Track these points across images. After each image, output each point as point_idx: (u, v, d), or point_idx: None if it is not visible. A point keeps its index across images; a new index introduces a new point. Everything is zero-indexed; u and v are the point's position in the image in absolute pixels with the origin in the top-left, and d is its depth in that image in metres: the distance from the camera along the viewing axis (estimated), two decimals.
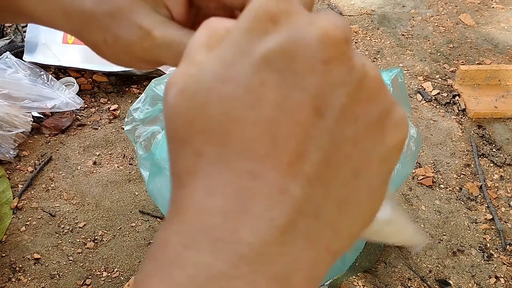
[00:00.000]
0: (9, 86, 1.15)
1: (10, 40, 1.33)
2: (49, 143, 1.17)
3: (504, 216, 1.03)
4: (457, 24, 1.60)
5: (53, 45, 1.29)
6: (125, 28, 0.30)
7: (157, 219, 1.01)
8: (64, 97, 1.21)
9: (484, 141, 1.20)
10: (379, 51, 1.49)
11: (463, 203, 1.05)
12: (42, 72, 1.24)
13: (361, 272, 0.91)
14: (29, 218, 1.00)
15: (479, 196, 1.07)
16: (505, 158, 1.15)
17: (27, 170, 1.10)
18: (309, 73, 0.18)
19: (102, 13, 0.30)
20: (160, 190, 0.73)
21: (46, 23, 0.34)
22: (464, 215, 1.03)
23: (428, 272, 0.93)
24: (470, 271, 0.93)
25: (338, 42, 0.19)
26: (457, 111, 1.28)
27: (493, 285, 0.91)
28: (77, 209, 1.03)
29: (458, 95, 1.31)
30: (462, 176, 1.11)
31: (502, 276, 0.92)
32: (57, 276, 0.91)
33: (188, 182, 0.18)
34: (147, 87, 0.81)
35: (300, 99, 0.18)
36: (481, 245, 0.97)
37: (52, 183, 1.08)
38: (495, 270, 0.93)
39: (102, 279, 0.91)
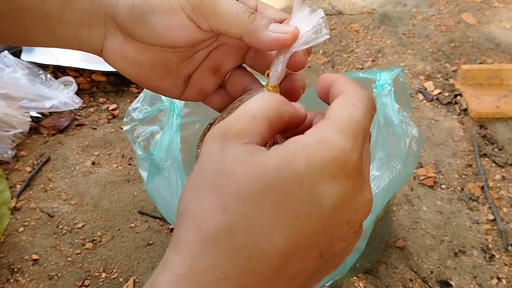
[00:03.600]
0: (7, 86, 1.15)
1: None
2: (48, 143, 1.16)
3: (506, 217, 1.02)
4: (458, 23, 1.60)
5: None
6: None
7: (156, 219, 1.00)
8: (62, 96, 1.20)
9: (486, 141, 1.19)
10: (380, 50, 1.48)
11: (464, 203, 1.05)
12: (41, 72, 1.24)
13: (362, 273, 0.91)
14: (27, 219, 1.00)
15: (481, 196, 1.06)
16: (507, 158, 1.14)
17: (25, 170, 1.09)
18: (336, 226, 0.24)
19: None
20: (159, 191, 0.72)
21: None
22: (465, 216, 1.02)
23: (429, 273, 0.92)
24: (471, 272, 0.92)
25: (364, 216, 0.26)
26: (459, 110, 1.27)
27: (495, 286, 0.90)
28: (75, 210, 1.02)
29: (460, 94, 1.31)
30: (463, 176, 1.11)
31: (504, 277, 0.92)
32: (56, 277, 0.90)
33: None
34: None
35: (317, 240, 0.24)
36: (483, 246, 0.97)
37: (50, 183, 1.07)
38: (497, 271, 0.92)
39: (101, 280, 0.90)
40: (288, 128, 0.28)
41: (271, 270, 0.23)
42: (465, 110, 1.27)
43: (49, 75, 1.24)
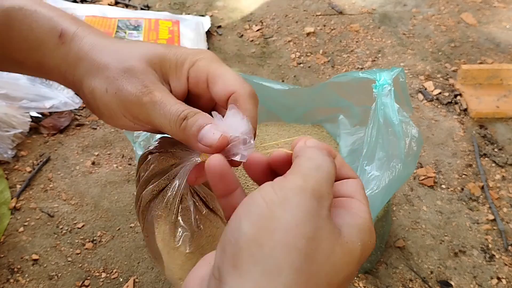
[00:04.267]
0: (7, 86, 1.15)
1: None
2: (48, 143, 1.16)
3: (506, 217, 1.02)
4: (458, 23, 1.59)
5: None
6: (131, 83, 0.35)
7: None
8: (62, 96, 1.20)
9: (486, 141, 1.19)
10: (380, 50, 1.48)
11: (464, 203, 1.05)
12: None
13: (362, 273, 0.91)
14: (28, 219, 1.00)
15: (481, 196, 1.06)
16: (507, 158, 1.14)
17: (26, 170, 1.09)
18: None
19: (116, 67, 0.36)
20: None
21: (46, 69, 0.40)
22: (465, 216, 1.02)
23: (429, 273, 0.92)
24: (471, 272, 0.92)
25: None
26: (459, 110, 1.27)
27: (495, 286, 0.90)
28: (75, 210, 1.02)
29: (460, 94, 1.31)
30: (463, 176, 1.11)
31: (504, 277, 0.92)
32: (56, 277, 0.90)
33: None
34: None
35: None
36: (483, 246, 0.97)
37: (50, 183, 1.07)
38: (497, 271, 0.92)
39: (101, 280, 0.90)
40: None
41: None
42: (465, 110, 1.27)
43: None
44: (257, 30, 1.56)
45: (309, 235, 0.23)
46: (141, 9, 1.61)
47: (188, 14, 1.60)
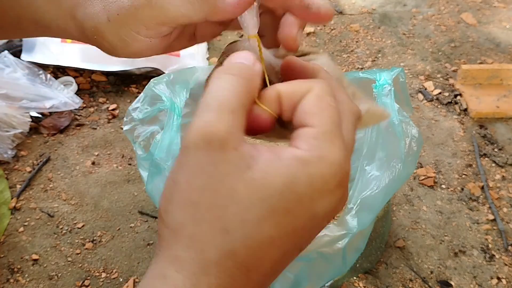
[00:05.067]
0: (7, 86, 1.15)
1: (8, 39, 1.32)
2: (48, 143, 1.16)
3: (506, 217, 1.02)
4: (458, 23, 1.59)
5: (52, 44, 1.29)
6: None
7: (156, 219, 1.00)
8: (62, 96, 1.20)
9: (486, 141, 1.19)
10: (380, 50, 1.48)
11: (464, 203, 1.05)
12: (41, 72, 1.24)
13: (362, 273, 0.91)
14: (27, 219, 1.00)
15: (481, 196, 1.06)
16: (507, 158, 1.14)
17: (25, 170, 1.09)
18: (323, 225, 0.27)
19: None
20: (159, 191, 0.72)
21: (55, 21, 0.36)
22: (465, 216, 1.02)
23: (429, 273, 0.92)
24: (471, 272, 0.92)
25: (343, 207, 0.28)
26: (459, 110, 1.27)
27: (495, 286, 0.90)
28: (75, 210, 1.02)
29: (460, 94, 1.31)
30: (463, 176, 1.11)
31: (504, 277, 0.92)
32: (56, 277, 0.90)
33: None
34: (146, 87, 0.80)
35: (305, 241, 0.28)
36: (483, 246, 0.97)
37: (50, 183, 1.07)
38: (497, 271, 0.92)
39: (101, 280, 0.90)
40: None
41: (264, 277, 0.26)
42: (465, 110, 1.27)
43: (49, 75, 1.24)
44: None
45: (202, 186, 0.24)
46: None
47: None
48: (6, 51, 1.24)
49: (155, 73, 1.28)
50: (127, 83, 1.32)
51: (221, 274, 0.24)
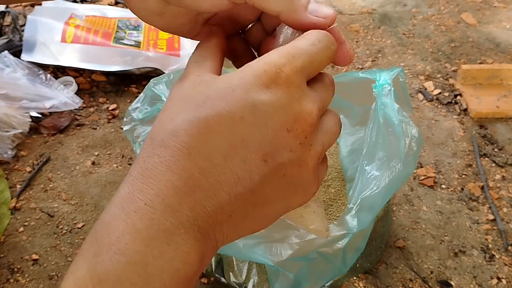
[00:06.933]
0: (7, 86, 1.15)
1: (8, 39, 1.32)
2: (48, 143, 1.16)
3: (506, 217, 1.02)
4: (458, 23, 1.59)
5: (52, 44, 1.29)
6: None
7: None
8: (62, 96, 1.20)
9: (486, 141, 1.19)
10: (380, 50, 1.48)
11: (464, 203, 1.05)
12: (41, 72, 1.24)
13: (361, 273, 0.91)
14: (27, 219, 1.00)
15: (481, 196, 1.06)
16: (507, 158, 1.14)
17: (25, 170, 1.09)
18: (274, 132, 0.26)
19: None
20: None
21: None
22: (465, 216, 1.02)
23: (429, 273, 0.92)
24: (471, 272, 0.92)
25: (306, 126, 0.27)
26: (459, 110, 1.27)
27: (495, 286, 0.90)
28: (75, 210, 1.02)
29: (460, 94, 1.31)
30: (463, 176, 1.11)
31: (504, 277, 0.92)
32: (56, 277, 0.90)
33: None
34: (146, 87, 0.80)
35: (257, 144, 0.26)
36: (483, 246, 0.97)
37: (50, 183, 1.07)
38: (497, 271, 0.92)
39: None
40: None
41: (213, 166, 0.25)
42: (465, 110, 1.27)
43: (49, 75, 1.24)
44: None
45: (181, 88, 0.29)
46: None
47: None
48: (6, 51, 1.24)
49: (155, 73, 1.28)
50: (127, 83, 1.32)
51: (164, 154, 0.25)
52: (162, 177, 0.25)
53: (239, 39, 0.38)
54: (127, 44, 1.31)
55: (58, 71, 1.31)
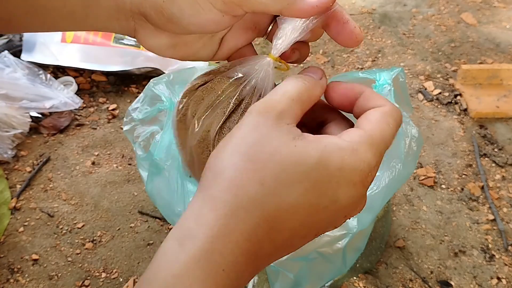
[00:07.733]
0: (7, 86, 1.15)
1: (8, 39, 1.32)
2: (48, 143, 1.16)
3: (506, 217, 1.02)
4: (458, 23, 1.59)
5: (52, 44, 1.29)
6: None
7: (156, 219, 1.00)
8: (62, 96, 1.20)
9: (486, 141, 1.19)
10: (380, 50, 1.48)
11: (464, 203, 1.05)
12: (41, 72, 1.24)
13: (361, 273, 0.91)
14: (27, 219, 1.00)
15: (481, 196, 1.06)
16: (507, 158, 1.14)
17: (25, 170, 1.09)
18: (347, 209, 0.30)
19: None
20: (159, 191, 0.72)
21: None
22: (465, 216, 1.02)
23: (429, 273, 0.92)
24: (471, 272, 0.92)
25: (370, 179, 0.29)
26: (459, 110, 1.27)
27: (495, 286, 0.90)
28: (75, 210, 1.02)
29: (460, 94, 1.31)
30: (463, 176, 1.11)
31: (504, 277, 0.92)
32: (56, 277, 0.90)
33: None
34: (146, 87, 0.80)
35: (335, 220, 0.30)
36: (483, 246, 0.97)
37: (50, 183, 1.07)
38: (497, 271, 0.92)
39: (101, 280, 0.90)
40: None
41: (282, 241, 0.28)
42: (465, 110, 1.27)
43: (49, 75, 1.24)
44: None
45: (252, 141, 0.28)
46: None
47: None
48: (6, 51, 1.24)
49: (155, 73, 1.28)
50: (127, 83, 1.32)
51: (248, 221, 0.27)
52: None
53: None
54: (127, 44, 1.31)
55: (58, 71, 1.31)
